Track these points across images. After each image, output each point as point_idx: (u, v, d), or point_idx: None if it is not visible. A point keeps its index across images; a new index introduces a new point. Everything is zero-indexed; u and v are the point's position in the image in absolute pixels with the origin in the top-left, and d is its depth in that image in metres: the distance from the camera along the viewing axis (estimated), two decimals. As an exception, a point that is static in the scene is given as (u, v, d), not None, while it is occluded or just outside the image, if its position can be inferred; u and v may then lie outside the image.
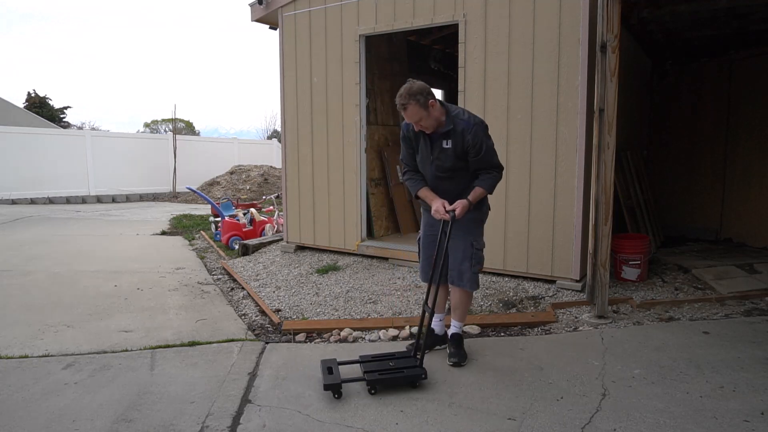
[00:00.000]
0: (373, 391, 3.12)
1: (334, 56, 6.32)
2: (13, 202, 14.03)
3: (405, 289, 5.22)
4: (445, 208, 3.34)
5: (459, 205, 3.30)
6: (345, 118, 6.30)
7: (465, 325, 4.03)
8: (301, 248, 6.85)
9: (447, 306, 3.92)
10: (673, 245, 6.92)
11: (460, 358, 3.53)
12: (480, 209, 3.55)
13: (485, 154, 3.33)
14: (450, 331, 3.71)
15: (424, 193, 3.53)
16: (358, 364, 3.34)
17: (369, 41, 6.46)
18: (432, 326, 3.73)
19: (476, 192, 3.37)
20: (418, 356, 3.31)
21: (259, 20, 7.12)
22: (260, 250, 7.12)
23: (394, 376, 3.17)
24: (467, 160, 3.36)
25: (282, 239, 7.10)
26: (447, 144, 3.32)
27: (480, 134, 3.29)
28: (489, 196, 3.57)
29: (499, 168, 3.44)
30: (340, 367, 3.29)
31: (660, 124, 7.87)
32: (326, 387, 3.07)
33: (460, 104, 5.48)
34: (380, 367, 3.26)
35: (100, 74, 63.71)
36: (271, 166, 17.75)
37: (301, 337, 4.14)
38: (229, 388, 3.23)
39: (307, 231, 6.71)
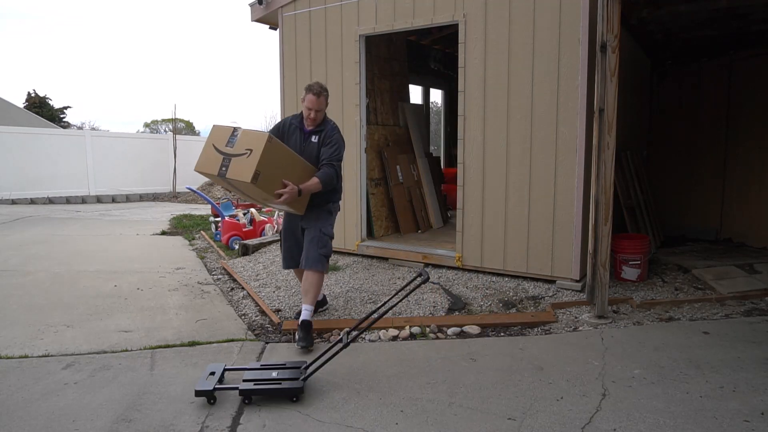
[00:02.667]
0: (247, 401, 3.02)
1: (334, 56, 6.32)
2: (13, 202, 14.02)
3: (405, 289, 5.20)
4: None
5: (290, 188, 3.76)
6: (345, 118, 6.30)
7: (465, 326, 4.08)
8: (301, 248, 6.84)
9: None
10: (673, 245, 6.92)
11: (307, 342, 3.83)
12: (328, 204, 4.15)
13: (334, 145, 4.02)
14: (301, 318, 3.94)
15: None
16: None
17: (369, 41, 6.46)
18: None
19: (311, 181, 3.88)
20: (309, 368, 3.21)
21: (259, 20, 7.12)
22: (260, 250, 7.12)
23: (270, 387, 3.07)
24: (321, 154, 4.02)
25: (282, 239, 7.10)
26: (315, 139, 4.04)
27: (338, 134, 4.08)
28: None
29: (339, 161, 4.05)
30: (228, 373, 3.29)
31: (660, 124, 7.87)
32: (197, 393, 2.99)
33: (461, 104, 5.49)
34: (260, 376, 3.16)
35: (100, 74, 63.71)
36: (271, 166, 17.73)
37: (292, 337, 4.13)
38: (229, 388, 3.23)
39: (307, 231, 6.70)
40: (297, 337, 3.89)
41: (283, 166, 3.79)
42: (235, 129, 3.78)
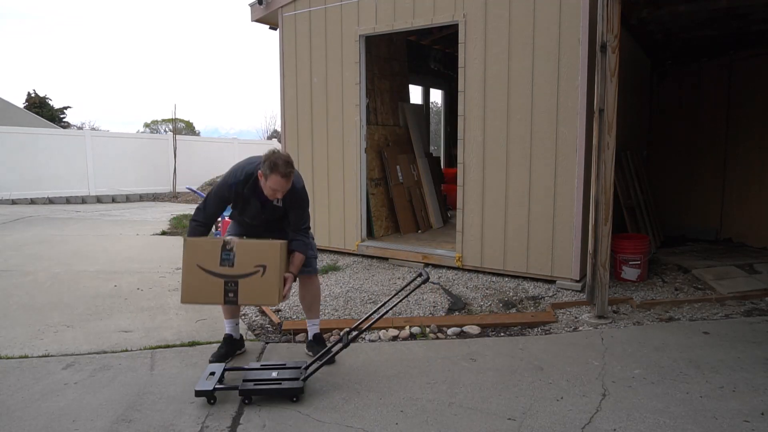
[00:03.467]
0: (247, 401, 3.00)
1: (334, 56, 6.32)
2: (13, 202, 14.02)
3: (405, 289, 5.21)
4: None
5: (289, 282, 3.29)
6: (345, 118, 6.30)
7: (465, 326, 4.04)
8: (301, 248, 6.84)
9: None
10: (673, 245, 6.92)
11: (325, 352, 3.45)
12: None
13: (305, 211, 3.52)
14: (311, 332, 3.80)
15: None
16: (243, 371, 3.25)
17: (369, 41, 6.46)
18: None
19: (297, 258, 3.39)
20: (309, 368, 3.19)
21: (259, 20, 7.12)
22: (260, 250, 7.11)
23: (270, 387, 3.03)
24: (287, 215, 3.46)
25: (282, 239, 7.09)
26: (278, 203, 3.39)
27: (305, 192, 3.49)
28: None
29: (309, 224, 3.56)
30: (228, 373, 3.26)
31: (660, 124, 7.87)
32: (197, 393, 2.96)
33: (460, 104, 5.49)
34: (260, 376, 3.12)
35: (100, 74, 63.74)
36: (271, 166, 17.73)
37: (301, 337, 4.13)
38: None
39: (307, 231, 6.70)
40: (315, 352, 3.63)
41: (284, 261, 3.23)
42: (225, 242, 3.05)
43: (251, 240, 3.09)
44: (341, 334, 3.43)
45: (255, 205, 3.39)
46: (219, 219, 8.56)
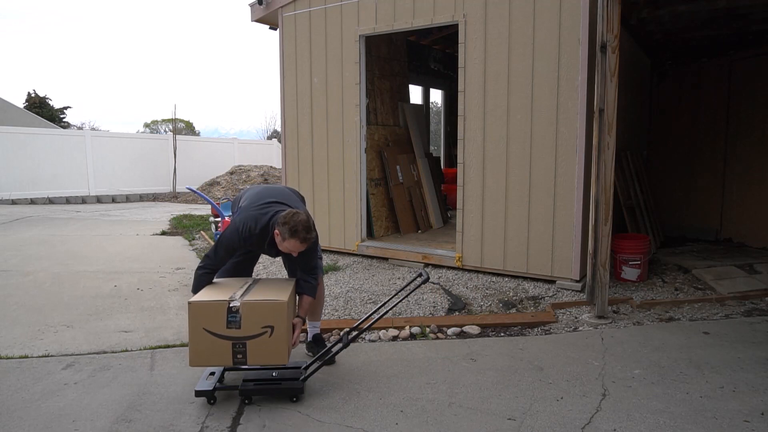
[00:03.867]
0: (247, 401, 3.01)
1: (334, 56, 6.32)
2: (13, 202, 14.01)
3: (405, 289, 5.21)
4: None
5: (298, 329, 3.21)
6: (345, 118, 6.30)
7: (465, 326, 4.02)
8: (301, 248, 6.84)
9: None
10: (673, 245, 6.92)
11: (324, 353, 3.46)
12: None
13: (312, 259, 3.39)
14: (311, 332, 3.80)
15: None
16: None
17: (369, 41, 6.46)
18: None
19: (305, 301, 3.37)
20: (309, 368, 3.21)
21: (259, 20, 7.12)
22: (260, 251, 7.11)
23: (270, 387, 3.06)
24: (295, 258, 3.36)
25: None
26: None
27: (317, 246, 3.41)
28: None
29: (316, 267, 3.45)
30: (227, 373, 3.28)
31: (660, 124, 7.87)
32: (197, 393, 2.98)
33: (460, 104, 5.49)
34: (260, 376, 3.14)
35: (100, 74, 63.71)
36: (271, 167, 17.74)
37: (300, 337, 4.13)
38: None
39: (307, 231, 6.70)
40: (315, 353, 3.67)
41: (291, 310, 3.18)
42: (229, 304, 2.94)
43: (257, 300, 2.96)
44: (341, 334, 3.43)
45: (267, 251, 3.36)
46: (219, 219, 8.58)
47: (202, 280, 3.25)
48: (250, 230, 3.20)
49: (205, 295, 3.03)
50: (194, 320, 2.90)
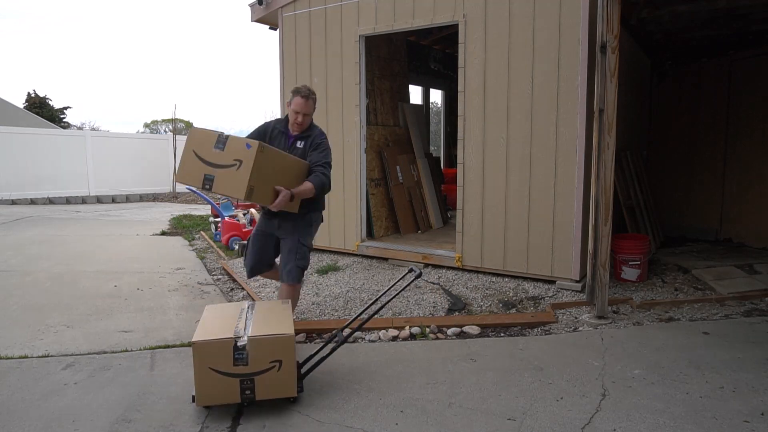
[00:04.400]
0: (245, 404, 2.97)
1: (334, 56, 6.32)
2: (13, 202, 14.02)
3: (405, 289, 5.21)
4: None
5: (282, 194, 3.46)
6: (345, 119, 6.30)
7: (465, 326, 4.02)
8: (301, 248, 6.84)
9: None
10: (673, 245, 6.92)
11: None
12: (308, 214, 3.89)
13: (323, 150, 3.83)
14: None
15: None
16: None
17: (369, 41, 6.46)
18: None
19: (304, 185, 3.64)
20: (304, 367, 3.20)
21: (259, 20, 7.12)
22: (260, 251, 7.10)
23: None
24: (309, 159, 3.81)
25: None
26: (300, 144, 3.85)
27: (325, 139, 3.91)
28: (325, 206, 4.12)
29: (329, 166, 3.82)
30: None
31: (660, 124, 7.87)
32: (195, 398, 2.93)
33: (460, 104, 5.49)
34: None
35: (100, 74, 63.73)
36: (271, 167, 17.74)
37: (300, 337, 4.13)
38: (229, 389, 3.22)
39: (307, 231, 6.70)
40: None
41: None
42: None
43: (264, 335, 2.93)
44: (335, 331, 3.43)
45: (282, 142, 3.84)
46: (219, 219, 8.57)
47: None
48: (273, 120, 4.03)
49: (208, 332, 2.96)
50: (199, 360, 2.83)
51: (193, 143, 3.31)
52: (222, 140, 3.28)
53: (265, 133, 3.89)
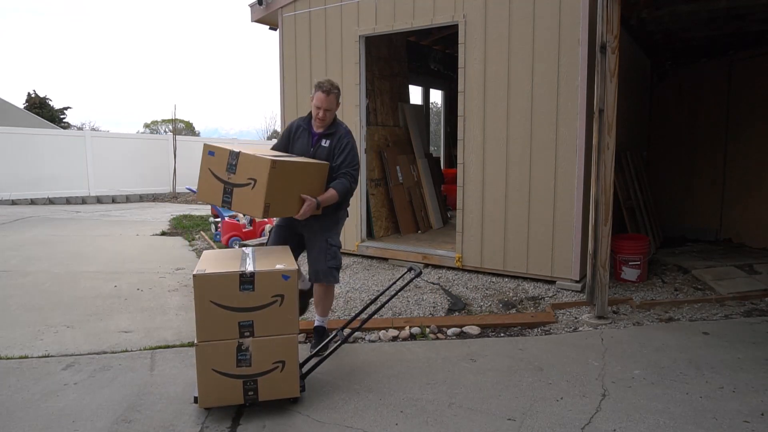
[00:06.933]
0: (247, 405, 2.95)
1: (334, 57, 6.32)
2: (13, 202, 14.01)
3: (405, 289, 5.21)
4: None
5: (306, 202, 3.35)
6: (345, 119, 6.29)
7: (465, 326, 4.05)
8: (301, 249, 6.84)
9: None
10: (673, 245, 6.92)
11: (321, 348, 3.54)
12: (336, 213, 3.72)
13: (350, 153, 3.64)
14: (315, 324, 3.84)
15: None
16: None
17: (369, 42, 6.46)
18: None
19: (329, 193, 3.49)
20: (305, 366, 3.21)
21: (259, 21, 7.12)
22: (260, 251, 7.10)
23: None
24: (334, 161, 3.62)
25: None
26: (325, 143, 3.64)
27: (351, 139, 3.70)
28: (351, 203, 3.89)
29: (356, 171, 3.65)
30: None
31: (660, 124, 7.87)
32: (197, 399, 2.92)
33: (461, 104, 5.50)
34: None
35: (100, 74, 63.78)
36: (271, 167, 17.74)
37: (300, 337, 4.13)
38: (229, 389, 3.22)
39: (307, 231, 6.70)
40: (313, 341, 3.78)
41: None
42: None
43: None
44: (336, 331, 3.44)
45: (305, 141, 3.67)
46: (219, 219, 8.56)
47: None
48: (297, 119, 3.85)
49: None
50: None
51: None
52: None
53: (289, 136, 3.76)
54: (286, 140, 3.76)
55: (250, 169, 3.10)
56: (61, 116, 28.93)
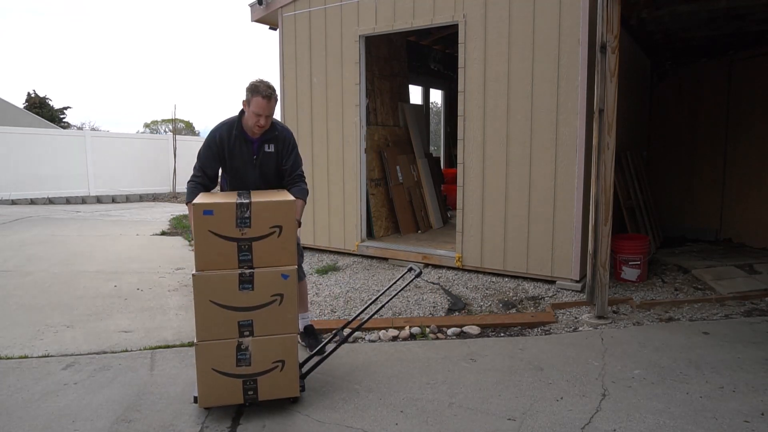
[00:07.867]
0: (247, 404, 2.95)
1: (334, 56, 6.32)
2: (13, 202, 14.01)
3: (405, 289, 5.21)
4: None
5: (299, 210, 3.28)
6: (345, 119, 6.31)
7: (465, 326, 4.01)
8: (301, 248, 6.84)
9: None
10: (673, 245, 6.92)
11: (314, 344, 3.57)
12: None
13: (297, 153, 3.47)
14: (302, 325, 3.77)
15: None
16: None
17: (369, 41, 6.46)
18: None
19: (299, 204, 3.29)
20: (305, 366, 3.21)
21: (259, 20, 7.12)
22: (260, 251, 7.10)
23: None
24: (284, 165, 3.42)
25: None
26: (269, 148, 3.36)
27: (293, 137, 3.49)
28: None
29: (303, 171, 3.51)
30: None
31: (660, 124, 7.87)
32: (197, 398, 2.91)
33: (461, 104, 5.49)
34: None
35: (100, 74, 63.78)
36: (271, 167, 17.75)
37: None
38: (229, 389, 3.22)
39: (306, 231, 6.71)
40: (306, 342, 3.75)
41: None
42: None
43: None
44: (336, 331, 3.44)
45: (246, 151, 3.32)
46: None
47: (194, 190, 3.27)
48: (218, 125, 3.32)
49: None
50: (202, 360, 2.80)
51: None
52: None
53: (221, 149, 3.31)
54: (218, 155, 3.32)
55: (269, 217, 2.81)
56: (61, 116, 28.93)
